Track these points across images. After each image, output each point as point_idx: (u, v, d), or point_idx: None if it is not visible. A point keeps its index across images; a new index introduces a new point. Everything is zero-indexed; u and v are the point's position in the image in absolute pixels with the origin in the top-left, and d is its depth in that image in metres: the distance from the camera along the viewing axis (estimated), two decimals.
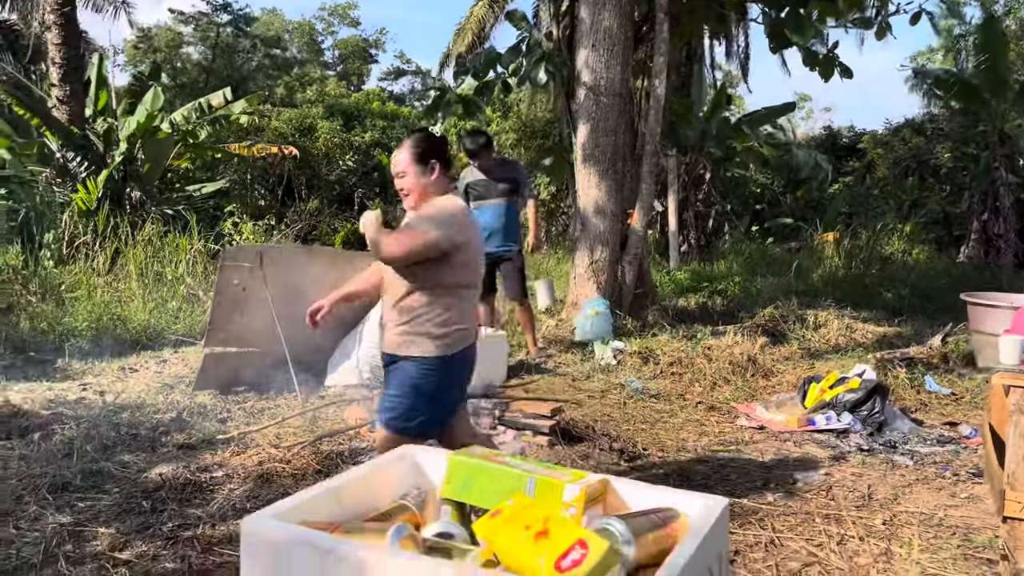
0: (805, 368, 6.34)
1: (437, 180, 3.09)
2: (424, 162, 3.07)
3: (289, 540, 1.06)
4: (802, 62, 7.73)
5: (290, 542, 1.06)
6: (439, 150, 3.11)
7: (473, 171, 6.53)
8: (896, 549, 3.30)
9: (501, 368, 5.90)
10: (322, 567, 1.04)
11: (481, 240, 3.22)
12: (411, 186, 3.05)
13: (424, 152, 3.07)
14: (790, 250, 14.49)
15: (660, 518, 1.19)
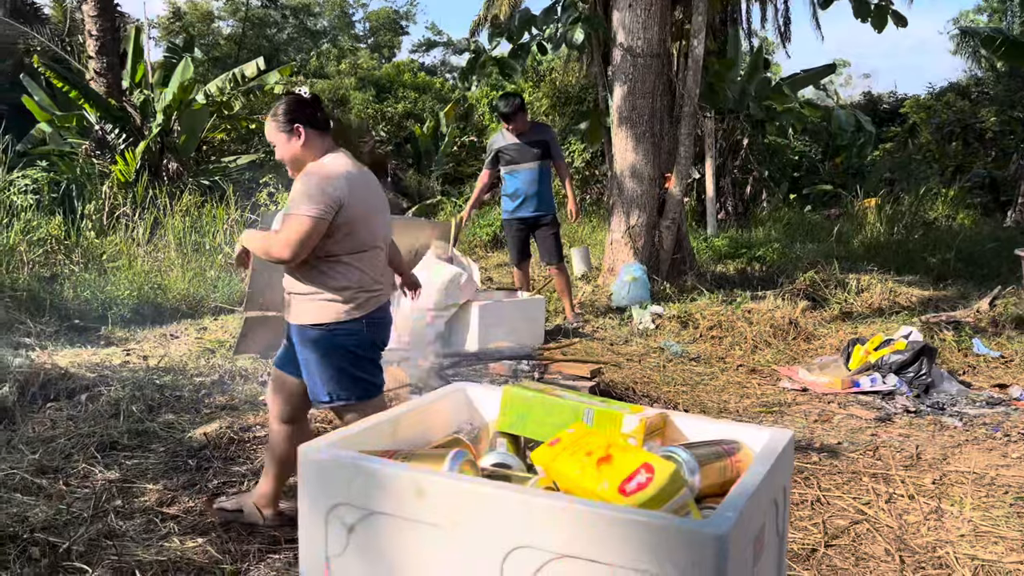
0: (848, 331, 6.23)
1: (308, 143, 2.85)
2: (288, 128, 2.84)
3: (346, 465, 1.04)
4: (853, 14, 7.49)
5: (347, 467, 1.03)
6: (302, 112, 2.86)
7: (504, 135, 6.46)
8: (947, 507, 3.24)
9: (539, 331, 5.87)
10: (379, 490, 1.02)
11: (374, 196, 2.94)
12: (283, 156, 2.86)
13: (285, 118, 2.85)
14: (829, 217, 14.22)
15: (724, 449, 1.15)
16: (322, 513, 1.06)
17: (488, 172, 6.63)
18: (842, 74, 32.36)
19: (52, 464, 3.63)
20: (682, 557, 0.86)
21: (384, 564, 1.02)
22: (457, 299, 5.54)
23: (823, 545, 2.91)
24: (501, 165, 6.48)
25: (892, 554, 2.84)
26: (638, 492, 0.95)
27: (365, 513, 1.03)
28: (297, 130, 2.81)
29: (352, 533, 1.04)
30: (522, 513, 0.95)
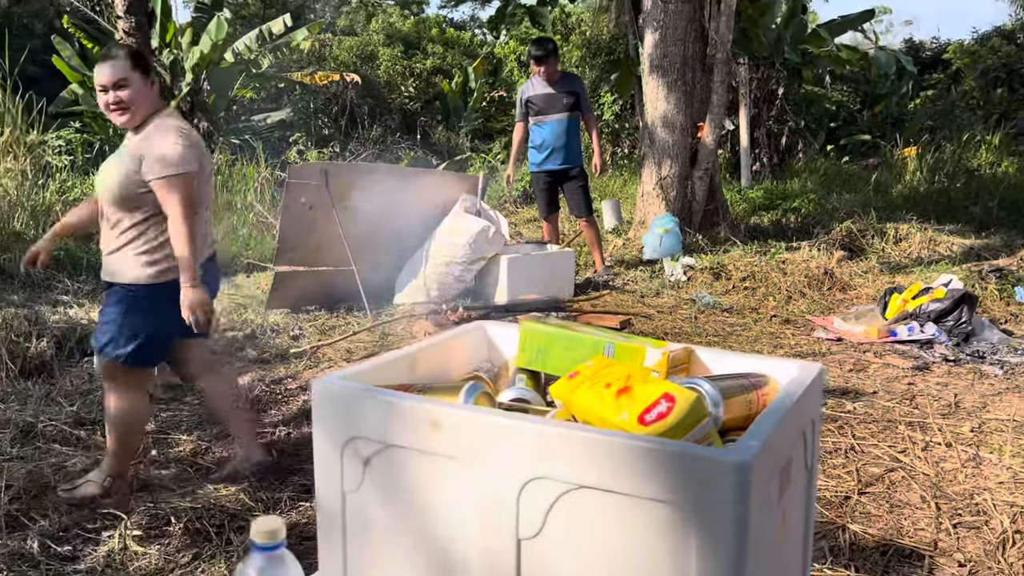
0: (885, 281, 6.10)
1: (157, 97, 2.72)
2: (147, 73, 2.66)
3: (360, 397, 1.01)
4: None
5: (361, 399, 1.01)
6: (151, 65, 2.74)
7: (534, 84, 6.36)
8: (985, 455, 3.17)
9: (568, 284, 5.83)
10: (395, 423, 0.99)
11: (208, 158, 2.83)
12: (136, 98, 2.60)
13: (146, 63, 2.69)
14: (867, 167, 13.88)
15: (751, 382, 1.11)
16: (337, 447, 1.04)
17: (522, 125, 6.53)
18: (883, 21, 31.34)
19: (89, 416, 3.70)
20: (702, 486, 0.83)
21: (400, 497, 1.00)
22: (485, 252, 5.51)
23: (856, 492, 2.87)
24: (530, 116, 6.38)
25: (927, 501, 2.79)
26: (658, 422, 0.92)
27: (381, 446, 1.01)
28: (153, 80, 2.68)
29: (368, 467, 1.02)
30: (538, 444, 0.92)
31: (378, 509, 1.03)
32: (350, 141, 15.39)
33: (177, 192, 2.60)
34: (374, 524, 1.04)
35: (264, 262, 7.41)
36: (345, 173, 5.50)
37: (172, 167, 2.59)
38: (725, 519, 0.83)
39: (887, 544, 2.53)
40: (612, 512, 0.89)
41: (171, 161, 2.59)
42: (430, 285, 5.52)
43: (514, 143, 6.69)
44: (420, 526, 1.00)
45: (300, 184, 5.14)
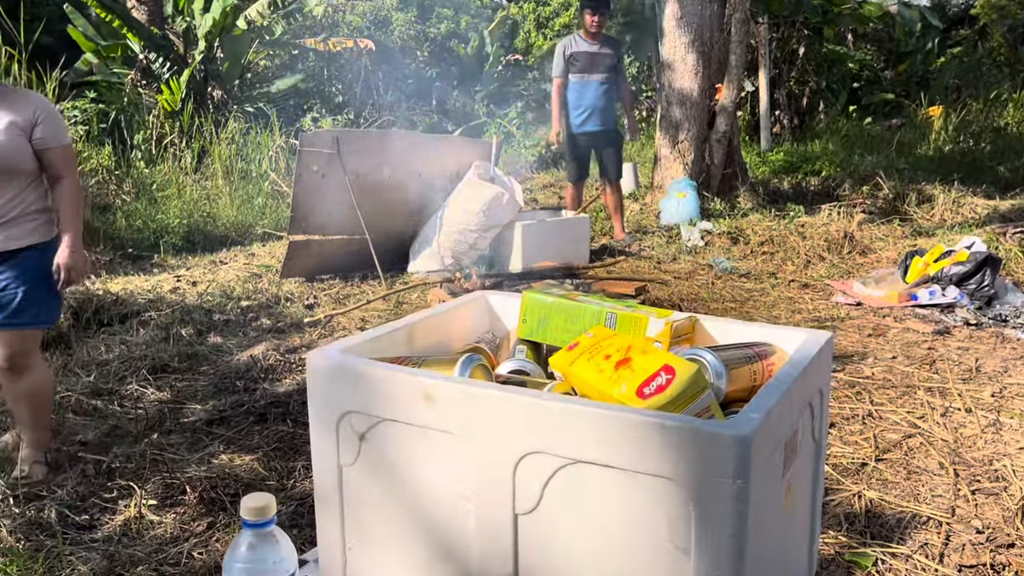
0: (907, 245, 6.00)
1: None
2: None
3: (353, 371, 0.99)
4: None
5: (354, 373, 0.99)
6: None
7: (577, 41, 6.24)
8: (1006, 420, 3.12)
9: (584, 251, 5.79)
10: (388, 396, 0.97)
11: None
12: None
13: None
14: (891, 127, 13.61)
15: (756, 352, 1.08)
16: (332, 422, 1.02)
17: (561, 80, 6.31)
18: None
19: (106, 387, 3.73)
20: (701, 461, 0.80)
21: (396, 472, 0.98)
22: (500, 220, 5.46)
23: (874, 459, 2.83)
24: (572, 73, 6.23)
25: (946, 467, 2.76)
26: (657, 395, 0.89)
27: (375, 421, 0.99)
28: None
29: (363, 441, 1.00)
30: (534, 418, 0.89)
31: (374, 484, 1.01)
32: (364, 108, 15.30)
33: (72, 161, 2.79)
34: (371, 499, 1.02)
35: (279, 231, 7.41)
36: (357, 140, 5.46)
37: (58, 136, 2.71)
38: (725, 494, 0.80)
39: (904, 511, 2.50)
40: (610, 487, 0.86)
41: (56, 130, 2.73)
42: (444, 253, 5.49)
43: (556, 99, 6.36)
44: (416, 501, 0.98)
45: (312, 152, 5.11)
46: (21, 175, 2.68)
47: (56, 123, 2.74)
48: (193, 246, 7.05)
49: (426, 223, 5.69)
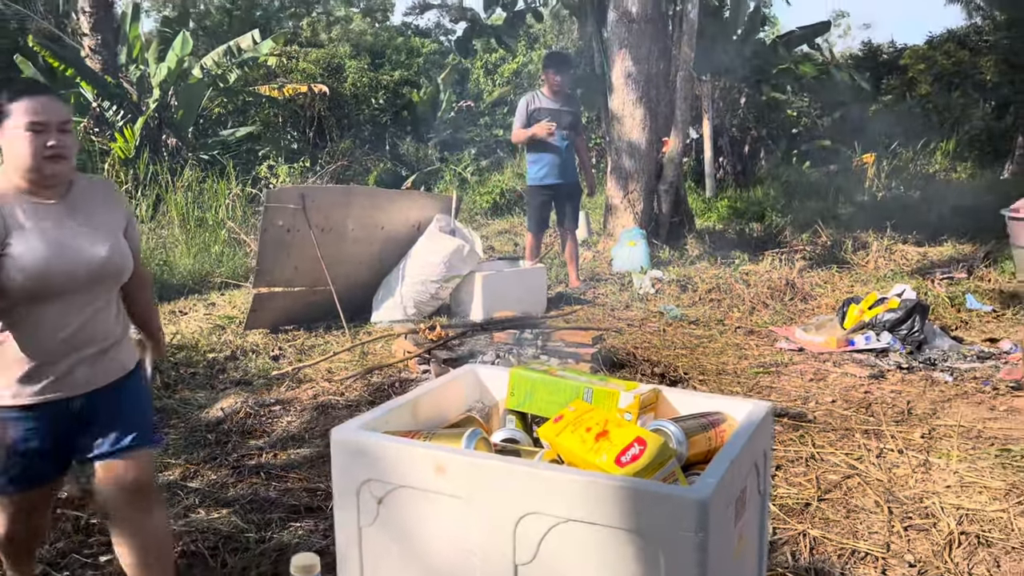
0: (844, 291, 6.36)
1: None
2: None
3: (375, 445, 1.17)
4: None
5: (376, 446, 1.17)
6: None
7: (539, 97, 6.51)
8: (935, 460, 3.39)
9: (541, 299, 6.01)
10: (405, 467, 1.15)
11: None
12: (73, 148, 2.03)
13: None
14: (828, 173, 14.26)
15: (710, 420, 1.29)
16: (354, 488, 1.19)
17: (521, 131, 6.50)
18: (841, 24, 32.07)
19: None
20: (669, 519, 1.00)
21: (410, 531, 1.16)
22: (460, 270, 5.67)
23: (816, 499, 3.06)
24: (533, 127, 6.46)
25: (881, 505, 3.00)
26: (632, 463, 1.09)
27: (392, 487, 1.17)
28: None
29: (381, 505, 1.18)
30: (531, 484, 1.08)
31: (391, 542, 1.19)
32: (319, 154, 15.45)
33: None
34: (388, 555, 1.19)
35: (237, 279, 7.49)
36: (322, 195, 5.63)
37: (133, 219, 2.29)
38: (688, 546, 1.00)
39: (844, 547, 2.73)
40: (595, 541, 1.05)
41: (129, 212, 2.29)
42: (407, 303, 5.66)
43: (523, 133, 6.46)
44: (429, 556, 1.16)
45: (278, 207, 5.26)
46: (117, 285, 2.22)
47: (132, 212, 2.34)
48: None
49: (389, 274, 5.86)
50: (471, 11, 7.93)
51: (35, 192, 1.98)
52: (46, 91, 2.00)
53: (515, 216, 11.40)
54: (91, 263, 2.02)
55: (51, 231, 1.98)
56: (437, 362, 4.49)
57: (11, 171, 1.97)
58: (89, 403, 2.09)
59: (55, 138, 1.92)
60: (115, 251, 2.09)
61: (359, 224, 5.69)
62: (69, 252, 1.98)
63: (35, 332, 1.98)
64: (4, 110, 1.92)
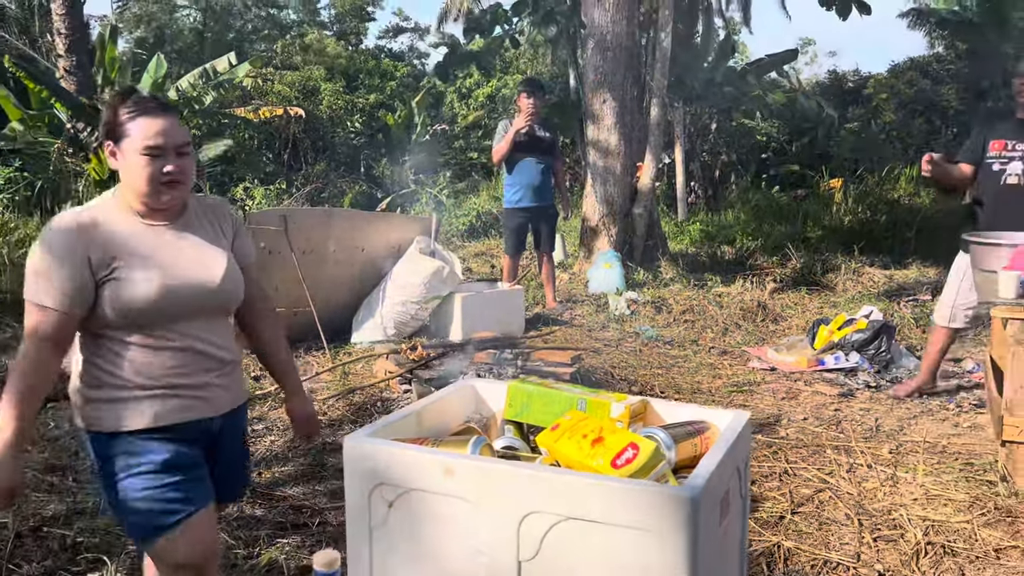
0: (813, 312, 6.53)
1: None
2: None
3: (387, 451, 1.26)
4: (818, 3, 7.76)
5: (387, 453, 1.26)
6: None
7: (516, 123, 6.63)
8: (902, 474, 3.52)
9: (519, 320, 6.11)
10: (415, 471, 1.24)
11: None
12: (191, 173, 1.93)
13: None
14: (796, 198, 14.56)
15: (695, 428, 1.39)
16: (365, 492, 1.28)
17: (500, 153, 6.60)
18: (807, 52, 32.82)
19: (60, 462, 3.80)
20: (663, 515, 1.09)
21: (419, 532, 1.24)
22: (440, 291, 5.75)
23: (790, 512, 3.17)
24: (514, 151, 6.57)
25: (851, 518, 3.12)
26: (627, 465, 1.18)
27: (403, 491, 1.25)
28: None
29: (391, 508, 1.26)
30: (534, 485, 1.18)
31: (401, 542, 1.27)
32: (295, 176, 15.49)
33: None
34: (397, 553, 1.27)
35: None
36: (303, 218, 5.70)
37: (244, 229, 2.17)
38: (681, 539, 1.09)
39: (816, 558, 2.84)
40: (594, 537, 1.14)
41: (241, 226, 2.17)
42: (387, 324, 5.73)
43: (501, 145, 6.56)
44: (437, 554, 1.25)
45: (260, 229, 5.32)
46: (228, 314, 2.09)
47: (244, 229, 2.17)
48: None
49: (369, 295, 5.92)
50: (451, 36, 8.07)
51: (148, 215, 1.89)
52: (165, 111, 1.87)
53: (491, 238, 11.52)
54: (204, 287, 1.91)
55: (165, 255, 1.88)
56: (419, 382, 4.56)
57: (126, 192, 1.89)
58: (222, 428, 1.97)
59: (173, 163, 1.83)
60: (228, 275, 1.97)
61: (340, 246, 5.76)
62: (182, 276, 1.88)
63: (154, 356, 1.86)
64: (122, 130, 1.82)
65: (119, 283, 1.81)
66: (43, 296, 1.78)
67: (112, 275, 1.81)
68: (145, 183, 1.82)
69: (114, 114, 1.84)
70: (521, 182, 6.61)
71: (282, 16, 31.71)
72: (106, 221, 1.84)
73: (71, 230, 1.80)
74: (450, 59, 7.69)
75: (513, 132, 6.48)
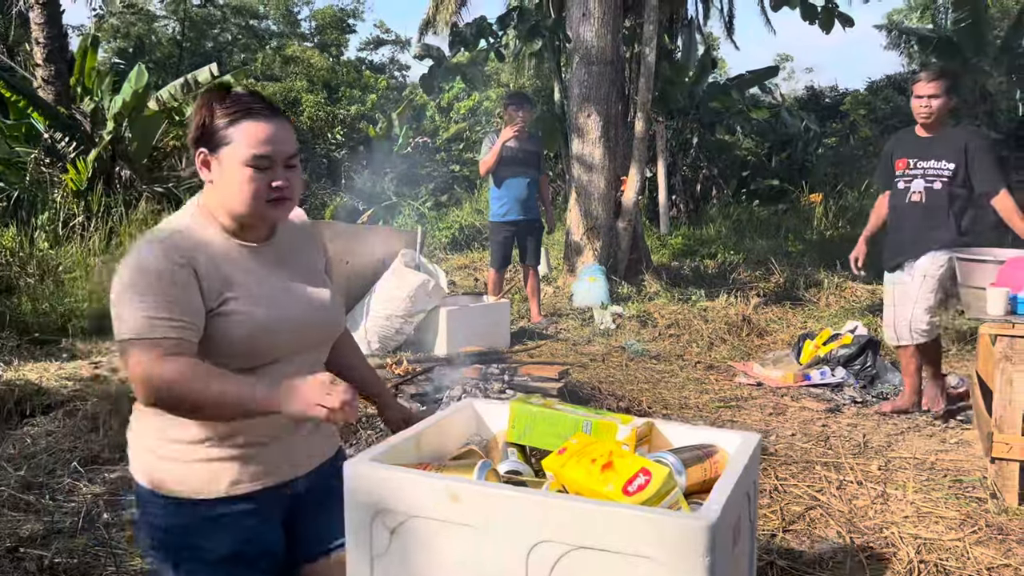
0: (798, 327, 6.55)
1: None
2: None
3: (389, 477, 1.22)
4: (800, 17, 7.82)
5: (390, 479, 1.21)
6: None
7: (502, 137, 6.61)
8: (892, 491, 3.51)
9: (505, 334, 6.07)
10: (419, 497, 1.20)
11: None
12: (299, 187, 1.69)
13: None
14: (777, 212, 14.66)
15: (703, 452, 1.36)
16: (367, 519, 1.23)
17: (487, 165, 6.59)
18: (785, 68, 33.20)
19: (37, 480, 3.71)
20: (678, 544, 1.06)
21: (423, 560, 1.20)
22: (426, 305, 5.70)
23: (781, 531, 3.15)
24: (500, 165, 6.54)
25: (843, 536, 3.10)
26: (639, 492, 1.15)
27: (405, 518, 1.21)
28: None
29: (394, 535, 1.22)
30: (544, 513, 1.13)
31: (403, 570, 1.22)
32: None
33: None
34: None
35: None
36: None
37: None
38: (697, 569, 1.06)
39: None
40: (606, 568, 1.11)
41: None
42: (371, 338, 5.66)
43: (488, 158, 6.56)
44: None
45: None
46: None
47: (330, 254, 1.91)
48: (104, 330, 6.94)
49: (353, 308, 5.85)
50: (437, 49, 8.06)
51: (240, 233, 1.61)
52: (273, 114, 1.58)
53: (475, 251, 11.48)
54: (312, 317, 1.67)
55: (267, 282, 1.62)
56: (404, 397, 4.50)
57: (216, 207, 1.59)
58: (308, 486, 1.69)
59: (281, 176, 1.56)
60: (333, 301, 1.75)
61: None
62: (289, 306, 1.62)
63: None
64: (221, 135, 1.54)
65: (225, 318, 1.53)
66: (157, 328, 1.45)
67: (220, 307, 1.53)
68: (248, 200, 1.54)
69: (210, 115, 1.55)
70: (507, 195, 6.59)
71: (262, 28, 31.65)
72: (203, 242, 1.56)
73: (179, 250, 1.51)
74: (435, 72, 7.67)
75: (500, 144, 6.47)
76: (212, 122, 1.55)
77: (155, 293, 1.46)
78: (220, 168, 1.55)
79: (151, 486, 1.58)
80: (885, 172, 4.55)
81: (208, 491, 1.55)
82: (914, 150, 4.32)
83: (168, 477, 1.56)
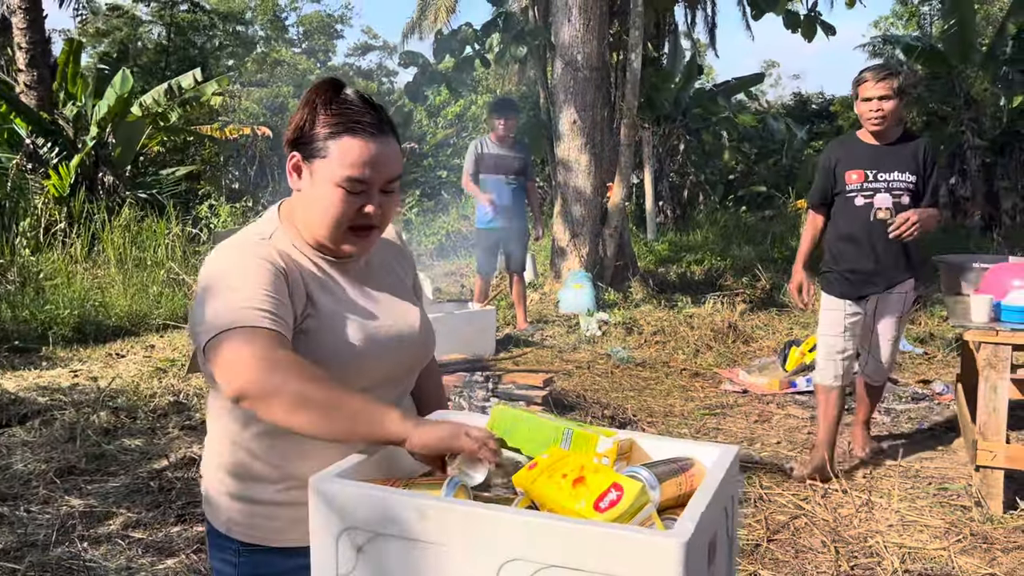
0: (784, 333, 6.54)
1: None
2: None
3: (356, 494, 1.18)
4: (783, 25, 7.86)
5: (357, 495, 1.18)
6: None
7: (486, 143, 6.60)
8: (877, 500, 3.50)
9: (490, 341, 6.03)
10: (387, 515, 1.16)
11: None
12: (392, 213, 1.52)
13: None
14: (764, 218, 14.71)
15: (679, 466, 1.32)
16: (333, 536, 1.19)
17: (471, 176, 6.63)
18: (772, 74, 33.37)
19: (11, 491, 3.64)
20: (650, 563, 1.03)
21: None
22: None
23: (766, 540, 3.12)
24: (481, 172, 6.57)
25: (828, 545, 3.08)
26: (610, 508, 1.11)
27: (372, 535, 1.17)
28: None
29: (361, 553, 1.18)
30: (514, 531, 1.10)
31: None
32: (261, 193, 15.30)
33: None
34: None
35: (176, 320, 7.33)
36: None
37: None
38: None
39: None
40: None
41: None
42: None
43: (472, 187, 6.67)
44: None
45: None
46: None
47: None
48: (85, 337, 6.88)
49: None
50: (422, 57, 8.03)
51: (326, 249, 1.46)
52: (380, 131, 1.40)
53: (461, 258, 11.45)
54: (404, 344, 1.53)
55: (359, 303, 1.48)
56: None
57: (302, 222, 1.45)
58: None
59: (375, 202, 1.41)
60: (424, 326, 1.60)
61: None
62: (382, 331, 1.48)
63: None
64: (319, 146, 1.39)
65: (308, 337, 1.39)
66: (261, 318, 1.29)
67: (303, 324, 1.39)
68: (331, 224, 1.40)
69: (312, 119, 1.40)
70: (492, 203, 6.57)
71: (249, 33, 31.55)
72: (285, 252, 1.42)
73: (270, 254, 1.38)
74: (421, 79, 7.65)
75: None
76: (312, 129, 1.40)
77: (253, 286, 1.32)
78: (311, 180, 1.41)
79: (225, 528, 1.46)
80: (826, 186, 3.87)
81: (285, 538, 1.41)
82: (870, 161, 3.71)
83: (244, 519, 1.44)
